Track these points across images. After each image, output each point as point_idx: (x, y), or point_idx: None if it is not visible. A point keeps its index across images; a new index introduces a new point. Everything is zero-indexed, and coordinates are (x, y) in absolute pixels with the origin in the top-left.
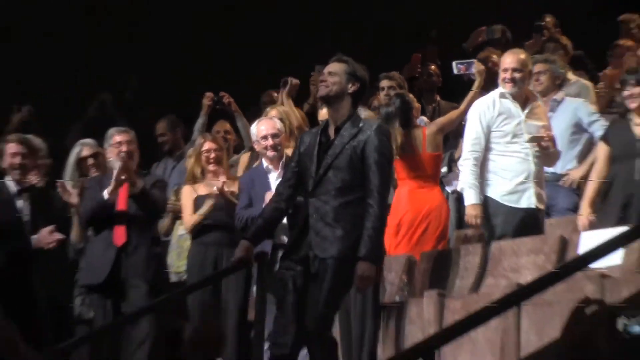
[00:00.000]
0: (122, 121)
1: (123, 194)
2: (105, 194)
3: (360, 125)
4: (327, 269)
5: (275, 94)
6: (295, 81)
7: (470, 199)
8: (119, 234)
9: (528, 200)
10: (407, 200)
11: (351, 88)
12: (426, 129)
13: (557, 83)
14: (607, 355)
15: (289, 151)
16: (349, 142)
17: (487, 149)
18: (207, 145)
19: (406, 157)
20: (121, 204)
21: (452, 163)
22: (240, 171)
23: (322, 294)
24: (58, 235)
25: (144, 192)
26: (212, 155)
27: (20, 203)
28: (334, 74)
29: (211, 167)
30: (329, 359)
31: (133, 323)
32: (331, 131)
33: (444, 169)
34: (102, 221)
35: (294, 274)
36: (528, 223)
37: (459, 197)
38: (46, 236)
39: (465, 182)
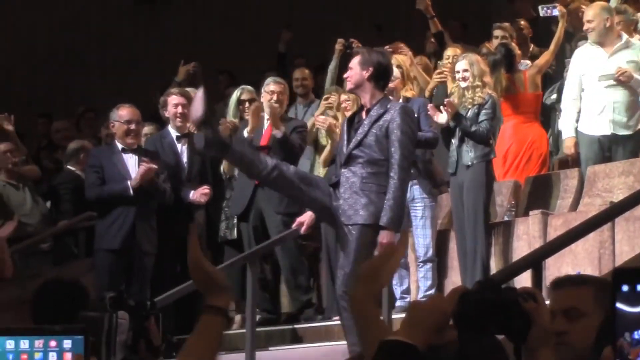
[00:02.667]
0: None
1: (267, 133)
2: (245, 132)
3: (388, 106)
4: (352, 234)
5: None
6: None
7: (566, 132)
8: None
9: (606, 128)
10: (511, 134)
11: (366, 74)
12: (527, 72)
13: (632, 28)
14: None
15: (407, 93)
16: (375, 122)
17: (581, 89)
18: (343, 97)
19: (510, 97)
20: (263, 141)
21: None
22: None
23: (348, 258)
24: (207, 196)
25: (284, 138)
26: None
27: (179, 147)
28: (350, 68)
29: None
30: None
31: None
32: (363, 114)
33: None
34: None
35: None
36: (609, 148)
37: None
38: (199, 196)
39: (563, 118)
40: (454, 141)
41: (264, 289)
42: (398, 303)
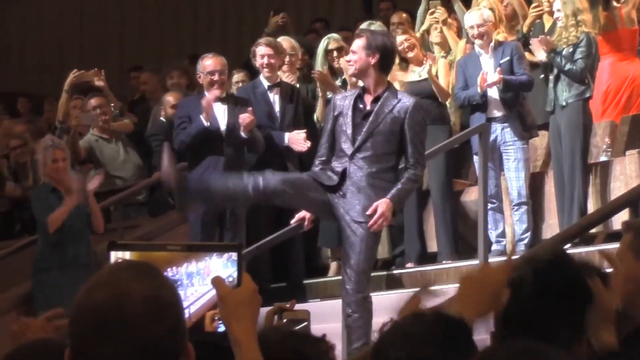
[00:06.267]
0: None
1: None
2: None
3: (399, 97)
4: (358, 231)
5: None
6: None
7: None
8: None
9: None
10: (609, 72)
11: (372, 60)
12: (622, 8)
13: None
14: None
15: (499, 37)
16: (389, 113)
17: None
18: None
19: (607, 34)
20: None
21: None
22: (458, 56)
23: (357, 256)
24: (306, 144)
25: None
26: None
27: (271, 97)
28: (354, 52)
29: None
30: (365, 319)
31: None
32: (368, 99)
33: None
34: None
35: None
36: None
37: None
38: (298, 141)
39: None
40: (551, 79)
41: None
42: (494, 247)
